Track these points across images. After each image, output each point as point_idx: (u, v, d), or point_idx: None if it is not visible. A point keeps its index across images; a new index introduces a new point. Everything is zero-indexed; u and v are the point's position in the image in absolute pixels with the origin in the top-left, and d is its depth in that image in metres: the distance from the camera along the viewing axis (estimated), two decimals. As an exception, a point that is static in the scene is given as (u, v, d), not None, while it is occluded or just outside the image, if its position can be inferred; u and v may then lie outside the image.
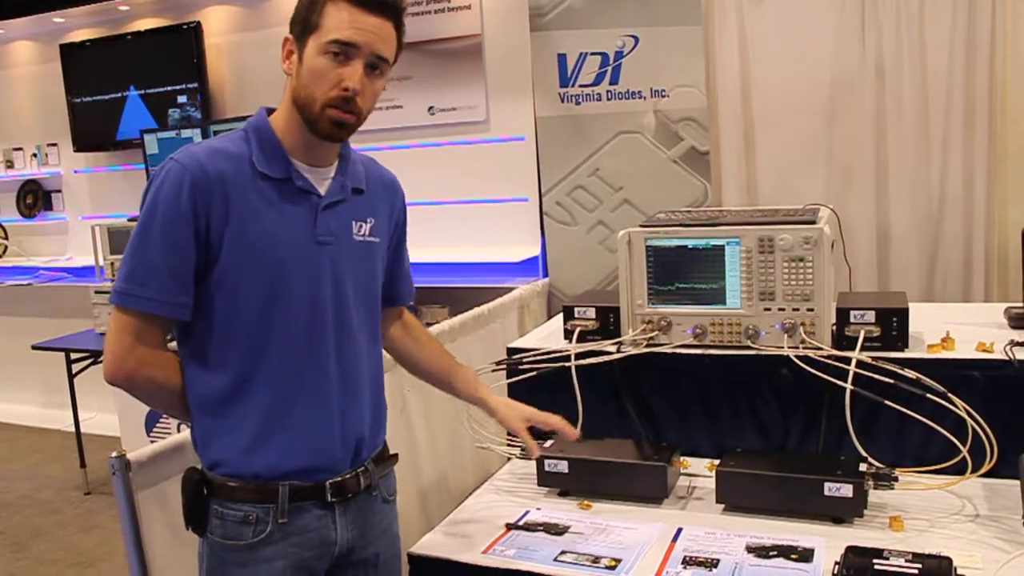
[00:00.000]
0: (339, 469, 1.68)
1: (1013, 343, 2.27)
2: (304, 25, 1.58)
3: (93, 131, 5.87)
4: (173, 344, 1.65)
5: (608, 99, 4.02)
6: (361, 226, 1.72)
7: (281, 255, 1.59)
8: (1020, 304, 2.50)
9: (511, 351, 2.67)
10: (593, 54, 4.02)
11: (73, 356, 4.72)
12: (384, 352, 1.88)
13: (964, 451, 2.04)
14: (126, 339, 1.55)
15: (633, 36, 3.96)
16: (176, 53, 5.49)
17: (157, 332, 1.58)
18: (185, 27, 5.46)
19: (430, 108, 4.80)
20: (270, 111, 1.67)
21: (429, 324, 3.07)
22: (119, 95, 5.74)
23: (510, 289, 3.73)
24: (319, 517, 1.66)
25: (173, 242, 1.53)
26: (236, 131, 1.65)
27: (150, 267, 1.53)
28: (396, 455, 1.86)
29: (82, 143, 5.93)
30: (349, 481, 1.69)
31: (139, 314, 1.54)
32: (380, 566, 1.80)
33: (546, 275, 4.24)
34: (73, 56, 5.84)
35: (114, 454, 1.76)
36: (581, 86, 4.05)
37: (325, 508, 1.67)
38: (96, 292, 4.85)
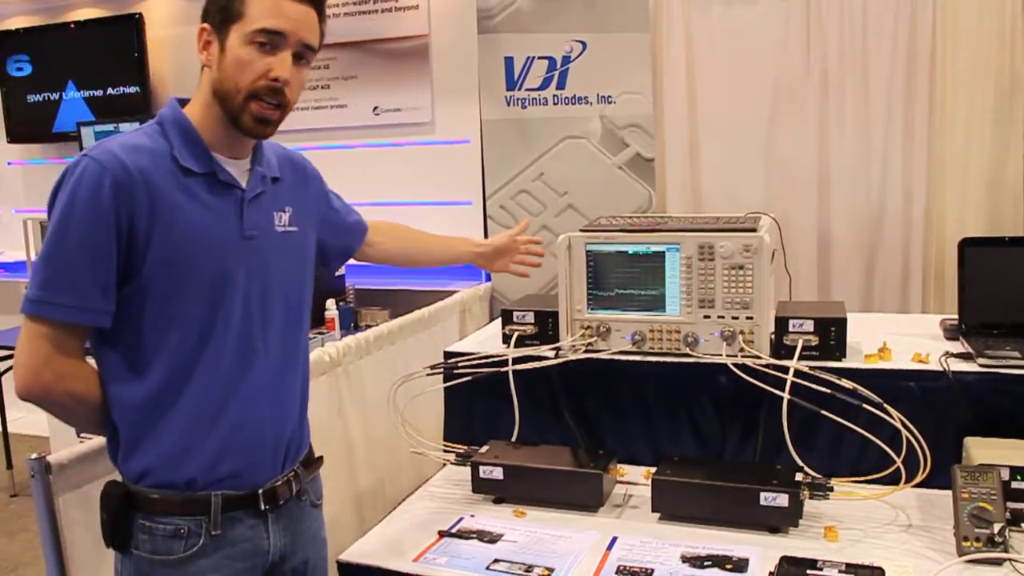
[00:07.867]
0: (269, 474, 1.64)
1: (948, 354, 2.29)
2: (224, 13, 1.52)
3: (29, 122, 5.71)
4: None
5: (554, 104, 4.01)
6: (280, 216, 1.67)
7: (213, 253, 1.54)
8: (955, 316, 2.51)
9: (448, 355, 2.62)
10: (540, 58, 4.00)
11: (1, 354, 4.58)
12: (311, 357, 1.84)
13: (899, 461, 2.05)
14: (42, 350, 1.46)
15: (581, 41, 3.95)
16: (116, 45, 5.37)
17: (76, 342, 1.50)
18: (126, 18, 5.34)
19: (375, 108, 4.75)
20: (182, 102, 1.60)
21: (369, 326, 3.02)
22: (56, 86, 5.59)
23: (452, 292, 3.69)
24: (252, 527, 1.61)
25: (94, 246, 1.44)
26: (148, 125, 1.57)
27: (69, 273, 1.44)
28: (321, 458, 1.82)
29: (17, 134, 5.78)
30: (280, 488, 1.65)
31: (57, 324, 1.46)
32: (308, 573, 1.76)
33: (489, 279, 4.21)
34: (8, 45, 5.68)
35: (33, 456, 1.68)
36: (528, 90, 4.03)
37: (257, 517, 1.62)
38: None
